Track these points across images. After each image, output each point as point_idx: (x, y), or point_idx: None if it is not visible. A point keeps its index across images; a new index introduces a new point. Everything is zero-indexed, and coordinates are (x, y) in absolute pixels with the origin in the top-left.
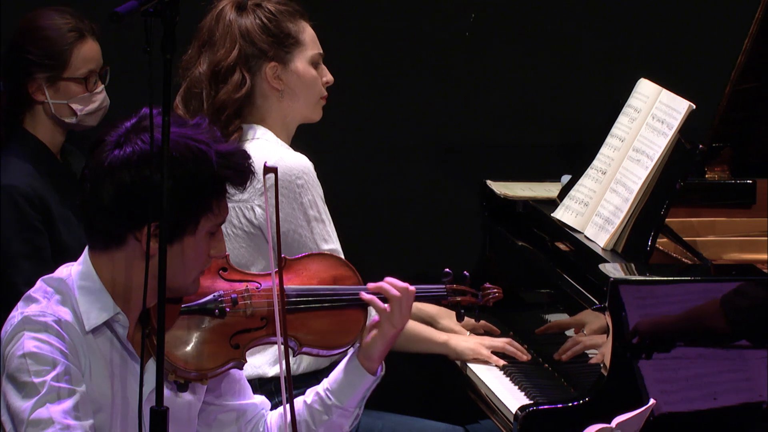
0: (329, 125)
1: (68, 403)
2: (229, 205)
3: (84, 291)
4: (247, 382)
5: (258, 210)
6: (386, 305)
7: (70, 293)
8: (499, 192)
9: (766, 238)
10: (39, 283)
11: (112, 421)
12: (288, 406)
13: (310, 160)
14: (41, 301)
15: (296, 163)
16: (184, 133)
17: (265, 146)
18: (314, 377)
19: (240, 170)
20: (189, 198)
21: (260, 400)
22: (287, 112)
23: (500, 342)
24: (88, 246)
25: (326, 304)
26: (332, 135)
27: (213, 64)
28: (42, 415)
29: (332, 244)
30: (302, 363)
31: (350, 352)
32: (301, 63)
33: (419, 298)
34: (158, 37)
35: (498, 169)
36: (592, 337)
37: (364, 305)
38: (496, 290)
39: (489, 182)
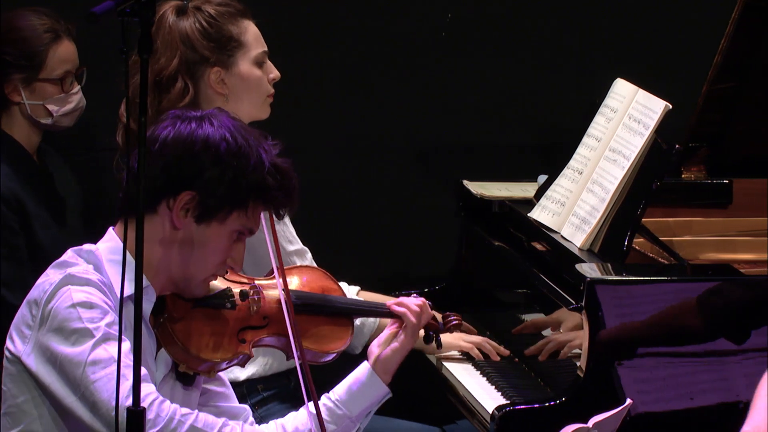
0: (306, 125)
1: (126, 345)
2: None
3: (113, 263)
4: (231, 388)
5: None
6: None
7: (100, 264)
8: (475, 192)
9: (742, 238)
10: (70, 253)
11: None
12: (311, 405)
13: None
14: (80, 264)
15: None
16: (250, 130)
17: None
18: (285, 376)
19: (285, 189)
20: (229, 186)
21: (246, 405)
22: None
23: (478, 339)
24: (118, 218)
25: (325, 310)
26: (308, 134)
27: (155, 73)
28: (101, 355)
29: (297, 244)
30: (273, 363)
31: (362, 366)
32: (244, 65)
33: (385, 316)
34: (135, 37)
35: (474, 169)
36: (567, 334)
37: (352, 316)
38: (455, 318)
39: (465, 182)
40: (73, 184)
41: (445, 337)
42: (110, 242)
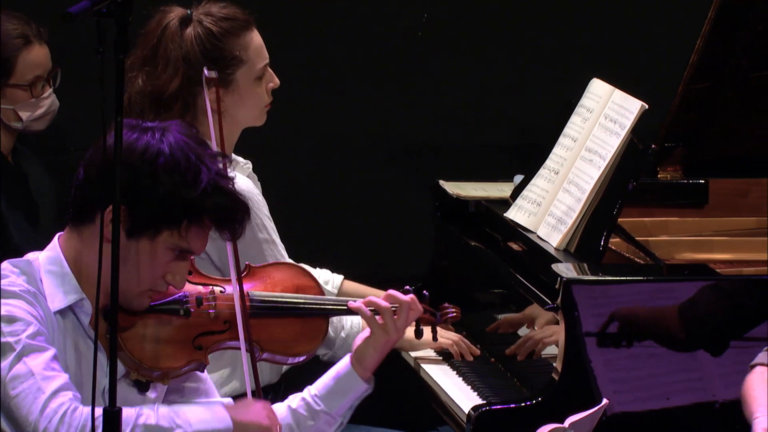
0: (281, 126)
1: (47, 355)
2: None
3: (50, 275)
4: (212, 382)
5: None
6: (378, 316)
7: (35, 275)
8: (451, 192)
9: (718, 238)
10: (4, 264)
11: (82, 401)
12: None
13: (263, 161)
14: (9, 276)
15: (241, 188)
16: (196, 149)
17: None
18: (265, 392)
19: (227, 211)
20: (161, 203)
21: (227, 400)
22: (229, 127)
23: (455, 337)
24: (66, 227)
25: (290, 312)
26: (285, 135)
27: (155, 90)
28: (20, 370)
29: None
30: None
31: (343, 361)
32: (243, 81)
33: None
34: (111, 37)
35: (451, 169)
36: (542, 331)
37: (326, 315)
38: (453, 310)
39: (442, 182)
40: (48, 184)
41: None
42: (51, 252)
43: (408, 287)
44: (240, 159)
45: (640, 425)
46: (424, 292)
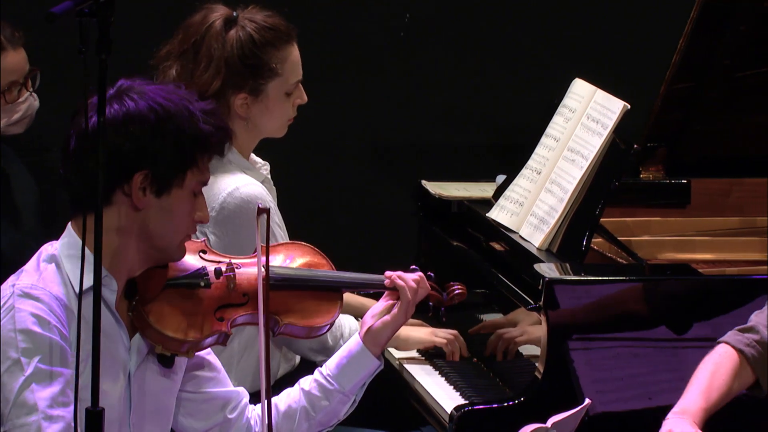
0: None
1: (55, 389)
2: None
3: (71, 258)
4: (225, 373)
5: (212, 237)
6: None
7: (60, 262)
8: (434, 192)
9: (700, 238)
10: (33, 262)
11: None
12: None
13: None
14: (33, 275)
15: (252, 193)
16: (168, 90)
17: (227, 168)
18: (277, 385)
19: (221, 127)
20: (176, 151)
21: (241, 388)
22: (249, 134)
23: (450, 334)
24: (72, 216)
25: (309, 285)
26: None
27: (198, 87)
28: (27, 400)
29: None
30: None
31: (353, 339)
32: (273, 94)
33: (377, 288)
34: (93, 37)
35: (433, 169)
36: (513, 330)
37: (340, 289)
38: (459, 288)
39: (424, 182)
40: (29, 184)
41: (417, 332)
42: (68, 238)
43: (414, 266)
44: (258, 160)
45: (623, 425)
46: (429, 273)
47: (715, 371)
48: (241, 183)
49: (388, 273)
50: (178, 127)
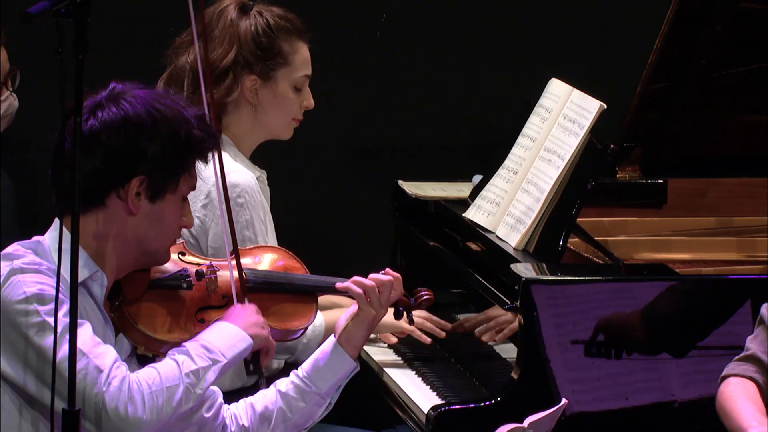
0: None
1: (87, 330)
2: None
3: (65, 254)
4: None
5: (195, 221)
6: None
7: (47, 255)
8: (410, 192)
9: (677, 238)
10: (15, 246)
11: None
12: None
13: None
14: (25, 255)
15: (239, 181)
16: (161, 95)
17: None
18: (237, 393)
19: (212, 134)
20: (172, 156)
21: (215, 388)
22: (255, 125)
23: (420, 317)
24: (61, 215)
25: (284, 288)
26: None
27: (209, 62)
28: (67, 350)
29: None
30: (224, 383)
31: (329, 340)
32: (282, 83)
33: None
34: (70, 37)
35: (409, 169)
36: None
37: (315, 293)
38: (426, 293)
39: (400, 182)
40: (6, 184)
41: (388, 318)
42: (55, 231)
43: (388, 269)
44: (255, 168)
45: (599, 425)
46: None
47: (748, 397)
48: (230, 170)
49: (339, 285)
50: (174, 132)
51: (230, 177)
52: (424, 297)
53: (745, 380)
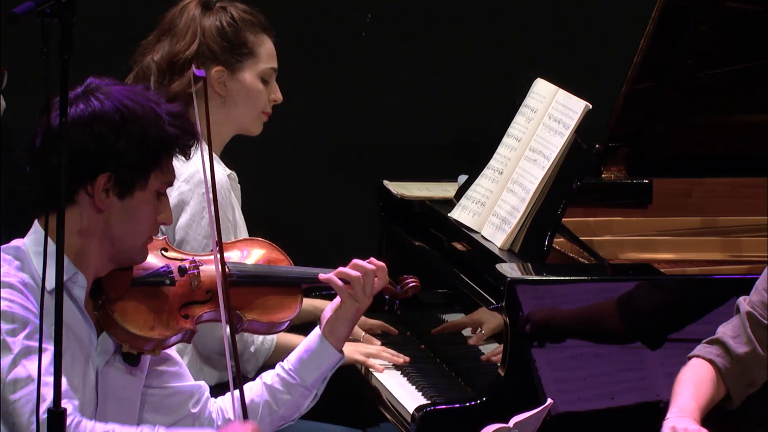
0: None
1: (46, 357)
2: None
3: (39, 255)
4: (186, 367)
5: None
6: (346, 285)
7: (26, 259)
8: (395, 192)
9: (662, 238)
10: None
11: (74, 382)
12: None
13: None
14: (2, 265)
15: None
16: (135, 91)
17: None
18: (215, 389)
19: (188, 131)
20: (140, 153)
21: (202, 382)
22: (224, 119)
23: (375, 349)
24: (37, 213)
25: (268, 280)
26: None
27: (171, 55)
28: (19, 374)
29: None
30: (204, 379)
31: (314, 333)
32: (249, 75)
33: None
34: (56, 37)
35: (395, 169)
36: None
37: (299, 284)
38: (413, 280)
39: (386, 182)
40: None
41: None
42: (36, 234)
43: (370, 259)
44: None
45: (585, 425)
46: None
47: (697, 380)
48: (201, 167)
49: (321, 276)
50: (143, 129)
51: (201, 174)
52: (410, 284)
53: (703, 362)
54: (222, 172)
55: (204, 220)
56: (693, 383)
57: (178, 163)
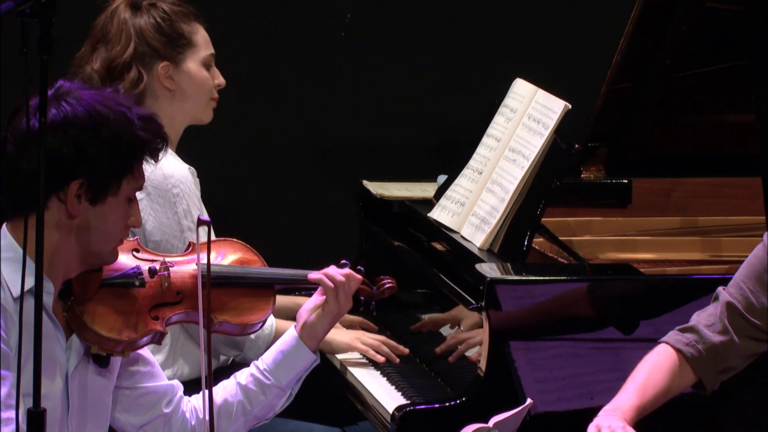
0: (207, 124)
1: (2, 391)
2: None
3: (7, 261)
4: (159, 366)
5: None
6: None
7: None
8: (375, 192)
9: (641, 238)
10: None
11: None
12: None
13: (188, 159)
14: None
15: (173, 172)
16: (106, 95)
17: None
18: (196, 384)
19: (158, 135)
20: (112, 158)
21: (175, 381)
22: (177, 113)
23: (376, 341)
24: (8, 219)
25: (242, 282)
26: (209, 135)
27: (108, 61)
28: None
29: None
30: (185, 370)
31: (289, 333)
32: (193, 64)
33: (304, 284)
34: (35, 38)
35: (374, 169)
36: (469, 332)
37: (272, 286)
38: (389, 281)
39: (365, 182)
40: None
41: (341, 336)
42: (2, 240)
43: (344, 261)
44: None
45: (564, 425)
46: (359, 267)
47: (651, 369)
48: (162, 162)
49: (311, 276)
50: (114, 134)
51: (164, 168)
52: (387, 285)
53: (668, 351)
54: (183, 164)
55: (173, 221)
56: (645, 374)
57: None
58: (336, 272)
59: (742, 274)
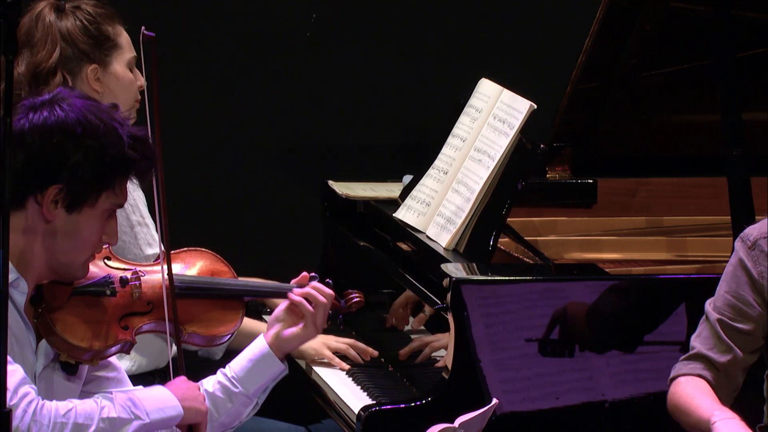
0: (170, 124)
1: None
2: None
3: None
4: (125, 372)
5: None
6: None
7: None
8: (340, 192)
9: (607, 238)
10: None
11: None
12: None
13: None
14: None
15: None
16: (101, 108)
17: None
18: (152, 375)
19: (147, 157)
20: (94, 170)
21: (139, 388)
22: None
23: (344, 344)
24: None
25: (212, 293)
26: (173, 134)
27: (34, 66)
28: None
29: (156, 248)
30: (143, 362)
31: (259, 342)
32: (119, 66)
33: (277, 296)
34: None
35: (339, 169)
36: (435, 336)
37: (242, 297)
38: (357, 295)
39: (330, 182)
40: None
41: (310, 343)
42: None
43: (313, 274)
44: None
45: (530, 425)
46: (328, 280)
47: (701, 391)
48: None
49: (293, 297)
50: (101, 146)
51: None
52: (354, 299)
53: (695, 378)
54: None
55: (121, 216)
56: (702, 393)
57: None
58: (318, 293)
59: (723, 286)
